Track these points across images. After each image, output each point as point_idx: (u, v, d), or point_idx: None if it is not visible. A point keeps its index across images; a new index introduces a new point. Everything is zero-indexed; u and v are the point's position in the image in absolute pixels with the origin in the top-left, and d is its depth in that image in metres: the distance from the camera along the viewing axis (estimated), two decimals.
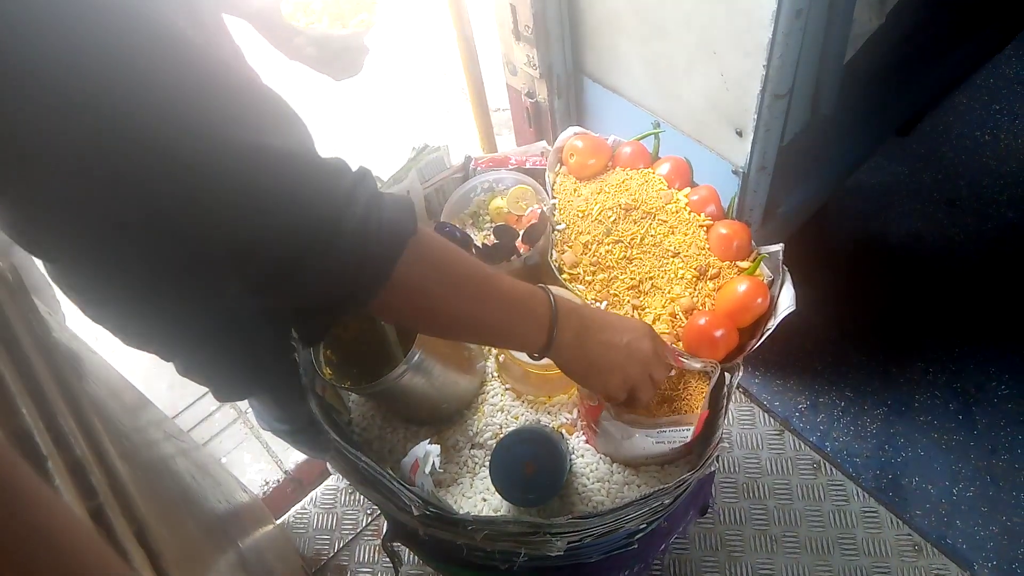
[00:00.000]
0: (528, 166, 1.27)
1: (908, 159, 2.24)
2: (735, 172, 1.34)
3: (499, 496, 1.00)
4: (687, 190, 1.17)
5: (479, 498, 1.05)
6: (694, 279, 1.10)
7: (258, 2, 1.03)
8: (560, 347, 0.84)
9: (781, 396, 1.87)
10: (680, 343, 1.06)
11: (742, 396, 1.86)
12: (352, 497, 1.82)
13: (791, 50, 1.11)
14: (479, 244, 1.13)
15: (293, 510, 1.83)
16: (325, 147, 0.61)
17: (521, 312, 0.81)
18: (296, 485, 1.94)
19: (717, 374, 0.97)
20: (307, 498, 1.84)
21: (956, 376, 1.85)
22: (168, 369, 1.05)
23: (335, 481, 1.86)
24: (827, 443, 1.79)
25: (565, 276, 1.13)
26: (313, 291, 0.63)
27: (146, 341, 0.99)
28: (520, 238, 1.14)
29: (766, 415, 1.83)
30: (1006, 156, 2.22)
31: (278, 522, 1.80)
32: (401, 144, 1.15)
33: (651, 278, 1.11)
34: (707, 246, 1.12)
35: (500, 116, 2.53)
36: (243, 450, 2.01)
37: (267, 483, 1.96)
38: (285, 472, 1.97)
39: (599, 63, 1.47)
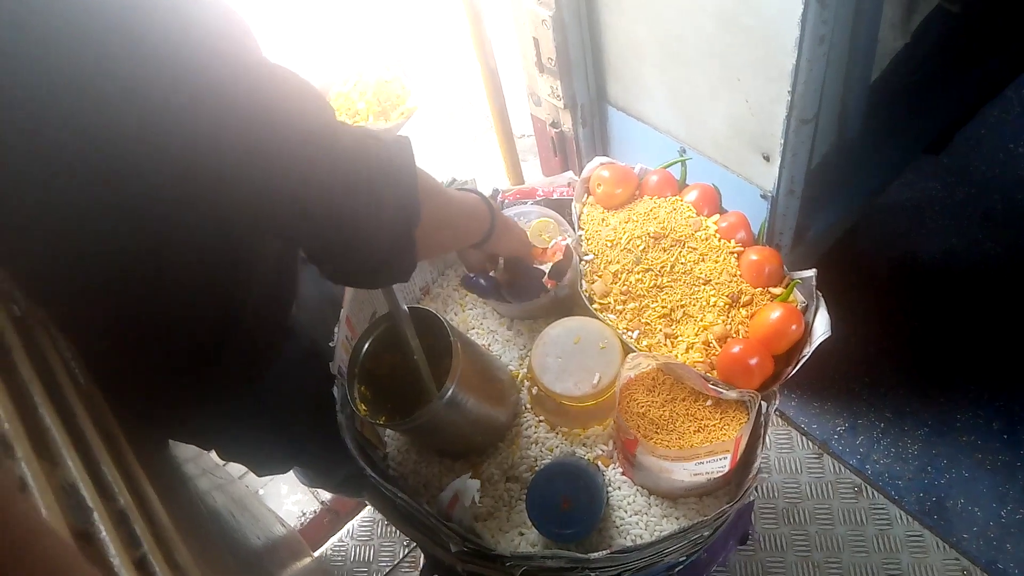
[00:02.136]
0: (555, 197, 1.27)
1: (940, 175, 2.21)
2: (764, 196, 1.33)
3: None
4: (716, 217, 1.17)
5: (516, 532, 1.05)
6: (726, 306, 1.09)
7: None
8: (495, 236, 1.00)
9: (819, 419, 1.84)
10: (715, 371, 1.05)
11: (779, 419, 1.84)
12: (389, 529, 1.82)
13: (815, 75, 1.11)
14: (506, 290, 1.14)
15: (330, 542, 1.84)
16: None
17: (474, 219, 0.97)
18: (333, 516, 1.95)
19: (757, 405, 0.96)
20: (344, 530, 1.85)
21: (998, 394, 1.81)
22: None
23: (371, 513, 1.86)
24: (867, 466, 1.75)
25: (596, 306, 1.13)
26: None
27: (186, 433, 1.02)
28: (547, 275, 1.14)
29: (804, 438, 1.80)
30: None
31: (315, 555, 1.80)
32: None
33: (683, 306, 1.11)
34: (738, 273, 1.12)
35: (525, 142, 2.55)
36: (279, 481, 2.03)
37: (304, 514, 1.97)
38: (322, 503, 1.98)
39: (623, 92, 1.48)
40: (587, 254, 1.17)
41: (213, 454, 1.20)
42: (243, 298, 0.80)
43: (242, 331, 0.71)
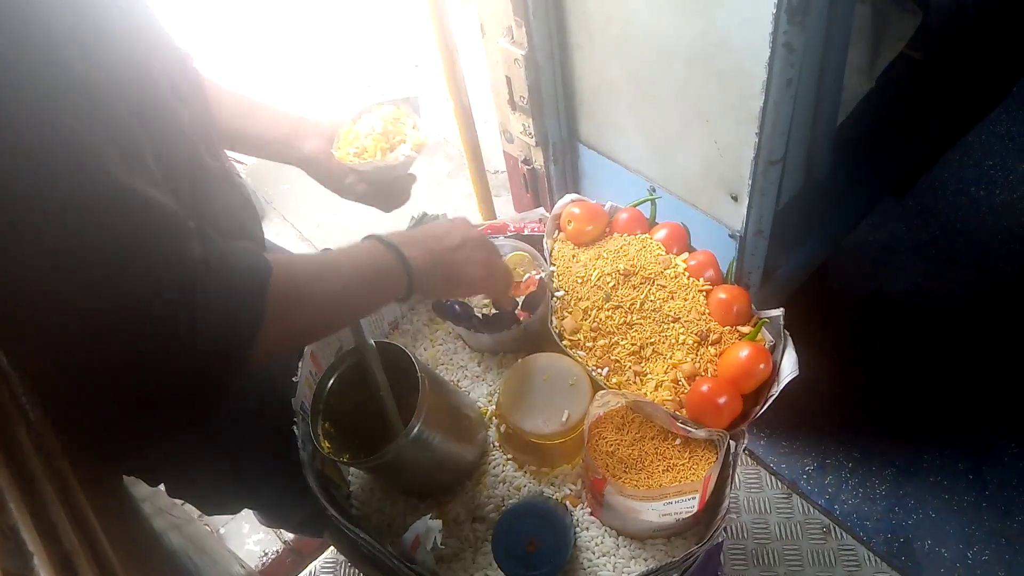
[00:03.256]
0: (526, 233, 1.27)
1: (905, 217, 2.26)
2: (732, 236, 1.34)
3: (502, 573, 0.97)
4: (685, 255, 1.18)
5: (481, 574, 1.02)
6: (695, 344, 1.09)
7: (308, 148, 1.06)
8: (419, 288, 0.88)
9: (788, 458, 1.84)
10: (684, 410, 1.04)
11: (748, 459, 1.84)
12: (352, 570, 1.78)
13: (783, 118, 1.13)
14: (479, 315, 1.13)
15: None
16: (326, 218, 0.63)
17: (382, 282, 0.86)
18: (296, 556, 1.90)
19: (725, 444, 0.95)
20: (306, 571, 1.80)
21: (964, 435, 1.83)
22: None
23: (335, 553, 1.81)
24: (836, 506, 1.75)
25: (566, 342, 1.12)
26: (189, 361, 0.66)
27: (133, 468, 0.99)
28: (519, 306, 1.13)
29: (773, 478, 1.80)
30: (1002, 211, 2.23)
31: None
32: (403, 209, 1.18)
33: (652, 343, 1.11)
34: (707, 311, 1.12)
35: (499, 178, 2.56)
36: (241, 520, 1.98)
37: (266, 554, 1.92)
38: (284, 543, 1.93)
39: (594, 131, 1.49)
40: (558, 290, 1.16)
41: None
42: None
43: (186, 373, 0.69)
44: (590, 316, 1.13)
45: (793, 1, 0.98)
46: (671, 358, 1.09)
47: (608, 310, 1.13)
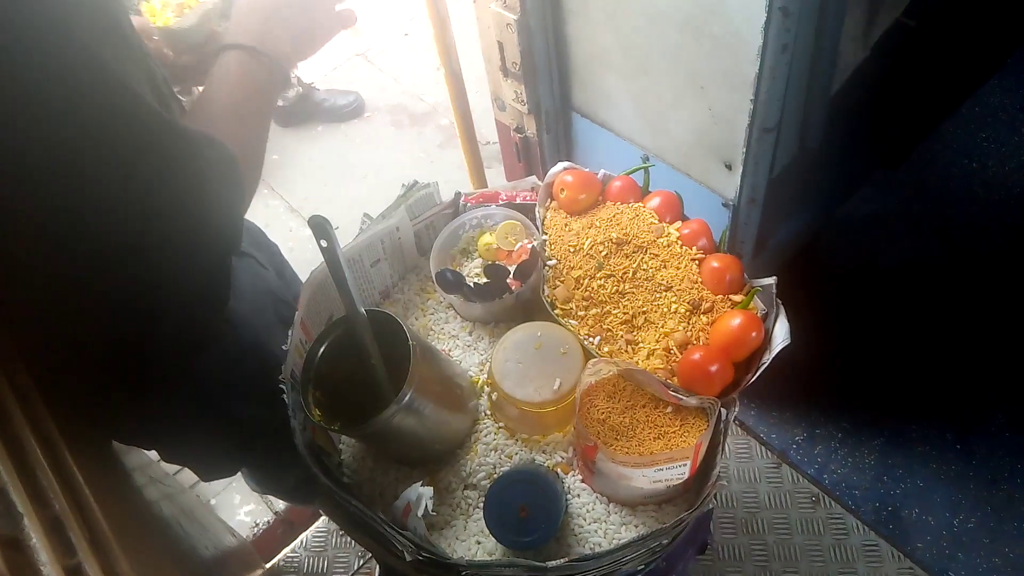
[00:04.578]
0: (519, 201, 1.26)
1: (898, 189, 2.26)
2: (725, 205, 1.34)
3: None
4: (678, 224, 1.17)
5: (473, 541, 1.03)
6: (687, 313, 1.09)
7: None
8: (280, 61, 0.91)
9: (778, 428, 1.85)
10: (675, 378, 1.04)
11: (738, 428, 1.85)
12: (343, 540, 1.79)
13: (778, 84, 1.12)
14: (471, 284, 1.12)
15: (283, 553, 1.79)
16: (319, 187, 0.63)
17: (260, 95, 0.91)
18: (287, 526, 1.91)
19: (716, 412, 0.95)
20: (297, 541, 1.81)
21: (952, 406, 1.85)
22: None
23: (326, 523, 1.82)
24: (825, 475, 1.77)
25: (558, 311, 1.12)
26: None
27: (126, 432, 0.99)
28: (511, 275, 1.13)
29: (763, 448, 1.81)
30: (994, 184, 2.23)
31: (267, 566, 1.76)
32: (393, 182, 1.16)
33: (644, 312, 1.10)
34: (699, 280, 1.11)
35: (491, 149, 2.55)
36: (232, 491, 1.98)
37: (257, 524, 1.93)
38: (275, 513, 1.94)
39: (587, 99, 1.48)
40: (550, 259, 1.16)
41: (161, 463, 1.17)
42: (165, 293, 0.77)
43: (167, 324, 0.69)
44: (582, 285, 1.13)
45: None
46: (663, 327, 1.09)
47: (600, 279, 1.13)
